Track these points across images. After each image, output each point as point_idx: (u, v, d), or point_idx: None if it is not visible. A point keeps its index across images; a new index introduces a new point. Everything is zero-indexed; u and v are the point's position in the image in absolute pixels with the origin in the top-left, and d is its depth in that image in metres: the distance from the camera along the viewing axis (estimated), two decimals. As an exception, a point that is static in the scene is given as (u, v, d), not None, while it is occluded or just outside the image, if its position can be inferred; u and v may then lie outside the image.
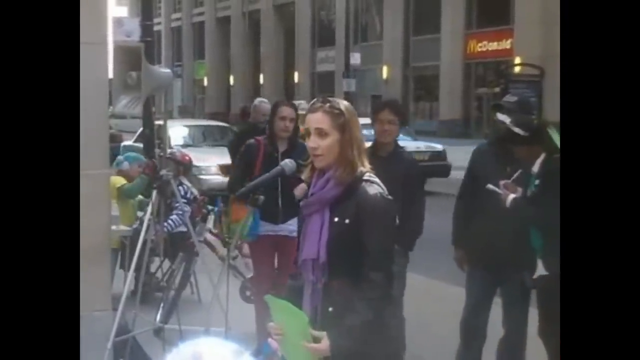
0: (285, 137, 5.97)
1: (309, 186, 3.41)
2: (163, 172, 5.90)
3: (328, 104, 3.29)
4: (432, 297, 8.17)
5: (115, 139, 20.81)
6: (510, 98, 5.26)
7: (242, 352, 1.96)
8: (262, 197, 5.12)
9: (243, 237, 6.10)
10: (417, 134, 30.90)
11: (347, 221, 3.22)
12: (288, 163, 4.10)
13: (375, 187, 3.26)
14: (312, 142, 3.27)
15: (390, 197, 3.29)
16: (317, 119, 3.27)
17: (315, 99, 3.39)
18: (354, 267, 3.22)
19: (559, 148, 4.60)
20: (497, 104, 5.29)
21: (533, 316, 5.22)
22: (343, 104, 3.33)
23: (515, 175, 5.01)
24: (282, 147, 5.97)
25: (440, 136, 36.71)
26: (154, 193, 5.91)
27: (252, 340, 5.96)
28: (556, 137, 4.63)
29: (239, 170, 6.14)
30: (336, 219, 3.24)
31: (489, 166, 5.32)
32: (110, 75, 5.46)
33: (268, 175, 4.26)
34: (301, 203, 3.44)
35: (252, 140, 6.29)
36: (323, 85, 47.95)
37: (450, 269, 6.13)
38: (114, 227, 6.75)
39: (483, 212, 5.30)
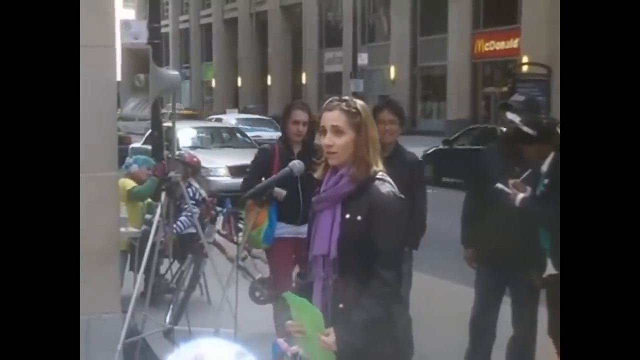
0: (299, 140, 5.96)
1: (321, 184, 3.42)
2: (172, 174, 5.91)
3: (345, 103, 3.30)
4: (438, 296, 8.17)
5: (123, 141, 20.90)
6: (517, 97, 5.26)
7: (244, 353, 1.95)
8: (284, 192, 5.09)
9: (259, 244, 6.09)
10: (425, 134, 30.87)
11: (358, 218, 3.23)
12: (297, 164, 4.10)
13: (387, 185, 3.28)
14: (327, 140, 3.28)
15: (402, 196, 3.31)
16: (334, 117, 3.28)
17: (331, 98, 3.40)
18: (364, 264, 3.23)
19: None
20: (504, 104, 5.30)
21: (544, 315, 5.21)
22: (359, 103, 3.34)
23: (525, 174, 5.01)
24: (296, 149, 5.97)
25: (448, 136, 36.75)
26: (163, 195, 5.92)
27: (262, 341, 5.96)
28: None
29: (252, 173, 6.11)
30: (348, 216, 3.26)
31: (498, 166, 5.31)
32: (119, 77, 5.48)
33: (277, 176, 4.27)
34: (313, 199, 3.45)
35: (266, 145, 6.29)
36: (330, 86, 47.92)
37: (456, 267, 6.12)
38: (122, 229, 6.76)
39: (492, 212, 5.30)
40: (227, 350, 1.93)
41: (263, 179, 5.50)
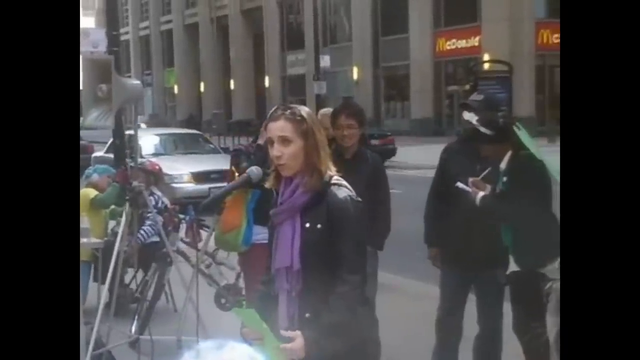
0: None
1: (276, 194, 3.40)
2: (135, 183, 5.86)
3: (289, 111, 3.26)
4: (405, 296, 8.20)
5: (86, 150, 20.74)
6: (476, 97, 5.27)
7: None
8: (257, 192, 5.04)
9: (237, 247, 6.03)
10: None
11: (319, 226, 3.22)
12: (254, 170, 4.07)
13: (344, 190, 3.26)
14: (275, 151, 3.25)
15: (359, 199, 3.29)
16: (280, 127, 3.24)
17: (275, 107, 3.38)
18: (328, 272, 3.21)
19: (525, 145, 4.63)
20: (464, 103, 5.32)
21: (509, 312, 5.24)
22: (304, 110, 3.30)
23: (484, 172, 5.03)
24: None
25: (412, 135, 36.90)
26: (127, 205, 5.88)
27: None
28: (522, 134, 4.65)
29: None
30: (307, 225, 3.24)
31: (459, 164, 5.33)
32: (80, 87, 5.42)
33: (234, 183, 4.23)
34: (271, 212, 3.43)
35: (241, 147, 6.14)
36: (294, 89, 47.98)
37: (421, 266, 6.12)
38: (85, 240, 6.70)
39: (454, 211, 5.31)
40: (250, 357, 1.85)
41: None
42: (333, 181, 3.27)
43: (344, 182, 3.30)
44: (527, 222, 4.76)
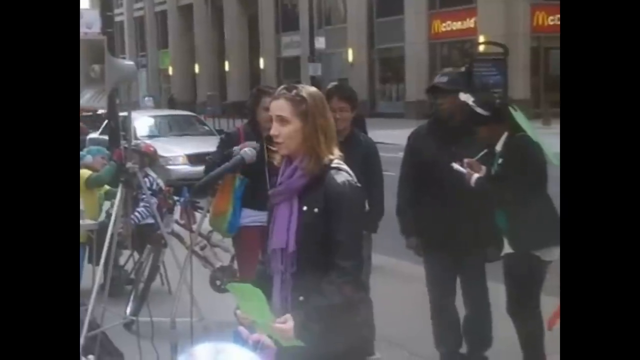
0: (269, 127, 5.84)
1: (277, 174, 3.39)
2: (129, 164, 5.85)
3: (294, 91, 3.25)
4: (399, 277, 8.21)
5: (80, 132, 20.66)
6: (441, 78, 5.25)
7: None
8: (245, 179, 5.02)
9: (224, 233, 6.04)
10: (385, 116, 30.92)
11: (316, 210, 3.20)
12: (248, 152, 4.06)
13: (343, 174, 3.23)
14: (273, 130, 3.26)
15: (358, 184, 3.28)
16: (279, 106, 3.24)
17: (282, 86, 3.37)
18: (323, 256, 3.20)
19: (521, 126, 4.63)
20: (432, 86, 5.31)
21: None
22: (307, 91, 3.28)
23: (481, 154, 5.03)
24: (265, 134, 5.85)
25: (407, 117, 36.83)
26: (121, 186, 5.87)
27: (222, 330, 5.94)
28: (518, 116, 4.65)
29: (214, 158, 5.88)
30: (305, 208, 3.23)
31: (432, 149, 5.26)
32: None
33: (227, 165, 4.21)
34: (269, 192, 3.42)
35: (234, 129, 6.18)
36: (289, 71, 47.81)
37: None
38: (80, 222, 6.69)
39: (432, 195, 5.26)
40: None
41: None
42: (333, 165, 3.24)
43: (344, 167, 3.27)
44: (521, 204, 4.77)
